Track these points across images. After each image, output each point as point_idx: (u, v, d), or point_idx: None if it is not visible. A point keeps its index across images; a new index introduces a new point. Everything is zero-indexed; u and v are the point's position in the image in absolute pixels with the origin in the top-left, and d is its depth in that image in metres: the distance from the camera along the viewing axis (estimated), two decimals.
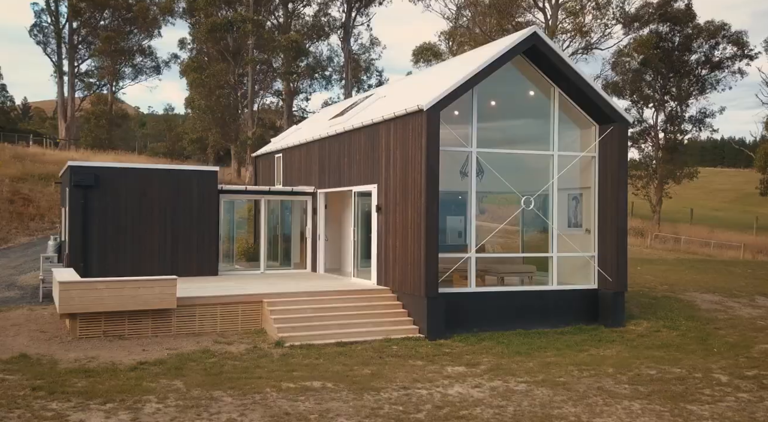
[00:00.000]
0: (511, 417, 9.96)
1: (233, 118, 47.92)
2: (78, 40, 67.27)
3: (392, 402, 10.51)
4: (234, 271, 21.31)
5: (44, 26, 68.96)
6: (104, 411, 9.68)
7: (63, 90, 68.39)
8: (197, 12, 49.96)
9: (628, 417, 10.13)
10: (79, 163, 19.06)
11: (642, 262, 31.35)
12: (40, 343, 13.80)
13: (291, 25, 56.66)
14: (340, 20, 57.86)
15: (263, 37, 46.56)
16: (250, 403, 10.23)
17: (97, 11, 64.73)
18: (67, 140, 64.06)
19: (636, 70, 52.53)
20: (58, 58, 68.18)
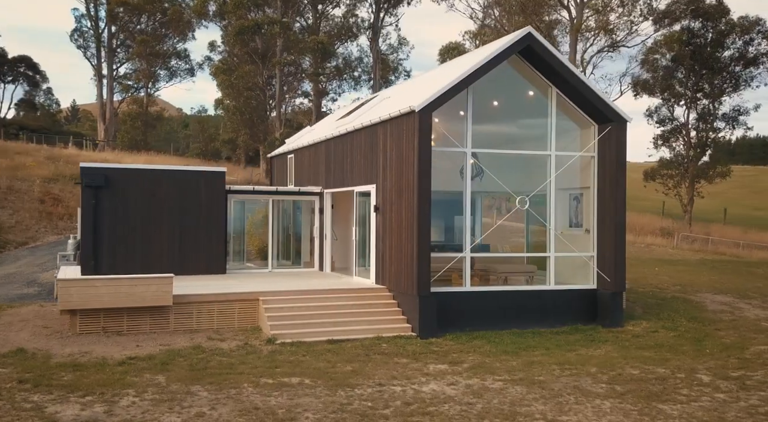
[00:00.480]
0: (476, 414, 10.09)
1: (261, 119, 48.56)
2: (116, 44, 68.92)
3: (363, 398, 10.72)
4: (243, 270, 21.71)
5: (84, 31, 70.85)
6: (81, 404, 10.08)
7: (102, 92, 70.13)
8: (227, 15, 50.72)
9: (595, 415, 10.19)
10: (90, 165, 19.64)
11: (662, 263, 31.03)
12: (41, 338, 14.34)
13: (320, 26, 57.19)
14: (369, 21, 58.22)
15: (290, 39, 47.08)
16: (223, 398, 10.54)
17: (134, 16, 66.22)
18: (105, 141, 65.67)
19: (666, 68, 51.74)
20: (98, 62, 69.93)
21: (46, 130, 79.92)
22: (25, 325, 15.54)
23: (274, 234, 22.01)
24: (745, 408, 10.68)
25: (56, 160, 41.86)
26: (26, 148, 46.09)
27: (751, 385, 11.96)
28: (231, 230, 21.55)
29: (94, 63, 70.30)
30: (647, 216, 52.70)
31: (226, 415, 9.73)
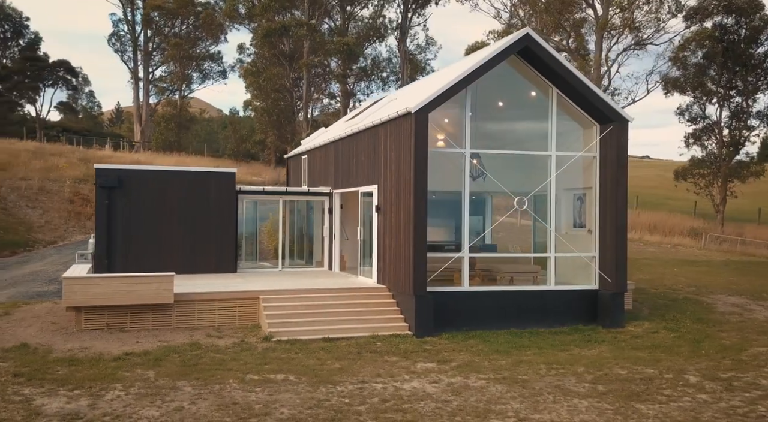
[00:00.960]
0: (449, 411, 10.24)
1: (288, 120, 49.15)
2: (152, 48, 70.36)
3: (343, 395, 10.93)
4: (255, 269, 22.10)
5: (121, 35, 72.50)
6: (68, 397, 10.48)
7: (138, 95, 71.74)
8: (255, 17, 51.41)
9: (569, 414, 10.26)
10: (103, 166, 20.22)
11: (684, 264, 30.63)
12: (46, 334, 14.86)
13: (348, 27, 57.57)
14: (397, 21, 58.41)
15: (316, 41, 47.55)
16: (206, 393, 10.85)
17: (169, 20, 67.54)
18: (141, 143, 67.10)
19: (698, 65, 50.88)
20: (134, 65, 71.55)
21: (87, 132, 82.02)
22: (35, 321, 16.10)
23: (286, 234, 22.35)
24: (724, 408, 10.64)
25: (88, 161, 42.90)
26: (62, 149, 47.35)
27: (738, 386, 11.89)
28: (243, 230, 21.95)
29: (130, 66, 71.99)
30: (678, 217, 51.89)
31: (204, 409, 10.03)
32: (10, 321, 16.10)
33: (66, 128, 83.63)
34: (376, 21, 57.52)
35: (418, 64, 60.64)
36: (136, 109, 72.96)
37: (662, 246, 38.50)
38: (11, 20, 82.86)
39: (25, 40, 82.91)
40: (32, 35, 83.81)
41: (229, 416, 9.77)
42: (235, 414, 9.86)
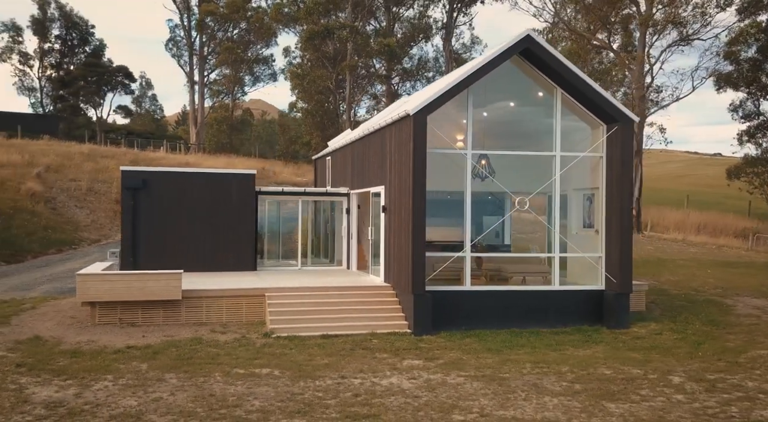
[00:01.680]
0: (415, 406, 10.51)
1: (332, 121, 49.88)
2: (207, 52, 72.28)
3: (318, 389, 11.32)
4: (276, 267, 22.69)
5: (178, 40, 74.73)
6: (59, 386, 11.17)
7: (194, 98, 73.79)
8: (300, 21, 52.33)
9: (534, 411, 10.41)
10: (129, 168, 21.12)
11: (722, 265, 29.90)
12: (61, 328, 15.70)
13: (394, 28, 57.99)
14: (442, 21, 58.56)
15: (358, 43, 48.12)
16: (188, 385, 11.39)
17: (222, 25, 69.28)
18: (196, 144, 69.01)
19: (751, 60, 49.34)
20: (190, 69, 73.61)
21: (151, 134, 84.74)
22: (56, 316, 16.99)
23: (307, 234, 22.88)
24: (695, 409, 10.63)
25: (138, 163, 44.42)
26: (115, 152, 49.08)
27: (721, 388, 11.80)
28: (266, 229, 22.58)
29: (186, 70, 74.13)
30: (730, 217, 50.51)
31: (180, 400, 10.56)
32: (33, 315, 17.03)
33: (130, 131, 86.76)
34: (421, 21, 57.76)
35: (463, 63, 60.54)
36: (191, 112, 75.03)
37: (706, 247, 37.61)
38: (78, 28, 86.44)
39: (91, 47, 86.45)
40: (97, 42, 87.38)
41: (201, 407, 10.26)
42: (208, 405, 10.35)
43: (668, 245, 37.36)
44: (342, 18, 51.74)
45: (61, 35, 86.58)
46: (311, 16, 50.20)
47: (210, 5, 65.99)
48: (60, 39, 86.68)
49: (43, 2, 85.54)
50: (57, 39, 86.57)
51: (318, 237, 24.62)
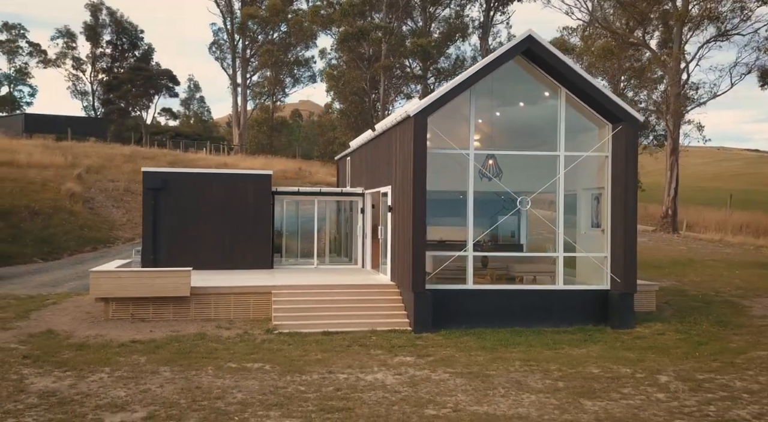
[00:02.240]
0: (392, 401, 10.77)
1: (366, 122, 50.25)
2: (250, 55, 73.58)
3: (303, 383, 11.66)
4: (293, 266, 23.15)
5: (221, 43, 76.26)
6: (57, 377, 11.75)
7: (237, 100, 75.21)
8: (335, 23, 52.91)
9: (508, 407, 10.58)
10: (150, 169, 21.82)
11: (754, 266, 29.20)
12: (75, 322, 16.39)
13: (430, 28, 58.15)
14: (479, 20, 58.46)
15: (392, 44, 48.43)
16: (179, 378, 11.86)
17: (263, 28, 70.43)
18: (239, 146, 70.32)
19: None
20: (233, 72, 75.03)
21: (198, 136, 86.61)
22: (74, 311, 17.71)
23: (325, 233, 23.30)
24: (672, 407, 10.66)
25: (176, 164, 45.55)
26: (156, 153, 50.46)
27: (707, 387, 11.77)
28: (284, 228, 23.08)
29: (229, 73, 75.58)
30: None
31: (167, 392, 11.02)
32: (54, 311, 17.79)
33: (179, 132, 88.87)
34: (458, 21, 57.75)
35: None
36: (234, 114, 76.47)
37: (743, 248, 36.77)
38: (128, 33, 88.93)
39: (140, 52, 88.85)
40: (146, 46, 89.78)
41: (185, 398, 10.70)
42: (192, 397, 10.78)
43: (703, 245, 36.70)
44: (377, 19, 52.10)
45: (112, 40, 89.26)
46: (346, 17, 50.70)
47: (251, 8, 67.14)
48: (111, 44, 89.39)
49: (95, 9, 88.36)
50: (108, 44, 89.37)
51: (337, 237, 24.99)
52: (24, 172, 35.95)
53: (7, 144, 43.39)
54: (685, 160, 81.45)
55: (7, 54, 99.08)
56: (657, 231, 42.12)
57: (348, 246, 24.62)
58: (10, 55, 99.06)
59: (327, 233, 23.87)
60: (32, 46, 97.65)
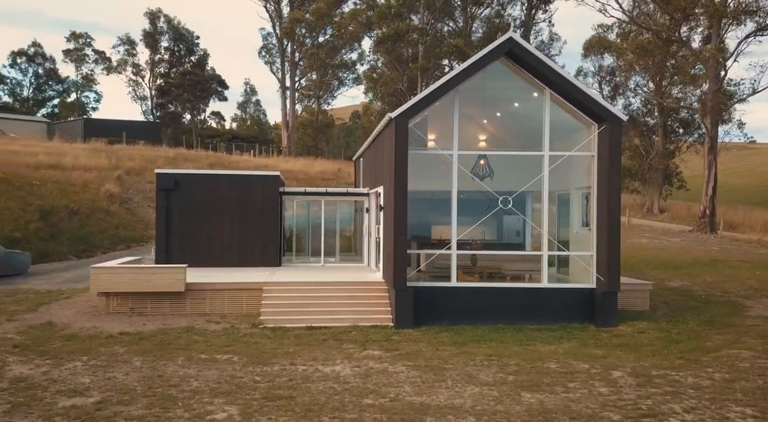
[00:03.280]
0: (337, 390, 11.24)
1: None
2: (298, 58, 74.96)
3: (261, 374, 12.24)
4: (301, 264, 23.80)
5: (270, 48, 77.95)
6: (35, 365, 12.62)
7: (285, 103, 76.68)
8: (373, 26, 53.56)
9: (446, 398, 10.95)
10: (163, 171, 22.79)
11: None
12: (77, 315, 17.38)
13: (471, 28, 58.25)
14: (520, 19, 58.22)
15: (428, 45, 48.78)
16: (147, 367, 12.58)
17: (310, 31, 71.66)
18: (287, 148, 71.72)
19: None
20: (282, 75, 76.53)
21: (254, 138, 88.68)
22: (81, 305, 18.73)
23: (333, 232, 23.90)
24: (608, 400, 10.87)
25: (215, 166, 46.92)
26: (197, 155, 51.93)
27: (657, 383, 11.90)
28: (294, 227, 23.78)
29: (278, 76, 77.13)
30: None
31: (129, 380, 11.75)
32: (63, 304, 18.87)
33: (234, 135, 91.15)
34: (497, 20, 57.66)
35: None
36: (282, 116, 77.96)
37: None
38: (185, 40, 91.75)
39: (195, 57, 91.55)
40: (201, 52, 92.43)
41: (142, 385, 11.40)
42: (149, 384, 11.48)
43: (737, 246, 35.87)
44: (416, 20, 52.51)
45: (170, 47, 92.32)
46: (384, 20, 51.28)
47: (297, 13, 68.40)
48: (168, 50, 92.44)
49: (154, 16, 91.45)
50: (166, 50, 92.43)
51: (347, 236, 25.54)
52: (68, 174, 37.67)
53: (58, 147, 45.44)
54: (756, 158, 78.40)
55: (74, 62, 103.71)
56: (694, 232, 41.28)
57: (358, 245, 25.15)
58: (77, 63, 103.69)
59: (337, 232, 24.43)
60: (97, 54, 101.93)
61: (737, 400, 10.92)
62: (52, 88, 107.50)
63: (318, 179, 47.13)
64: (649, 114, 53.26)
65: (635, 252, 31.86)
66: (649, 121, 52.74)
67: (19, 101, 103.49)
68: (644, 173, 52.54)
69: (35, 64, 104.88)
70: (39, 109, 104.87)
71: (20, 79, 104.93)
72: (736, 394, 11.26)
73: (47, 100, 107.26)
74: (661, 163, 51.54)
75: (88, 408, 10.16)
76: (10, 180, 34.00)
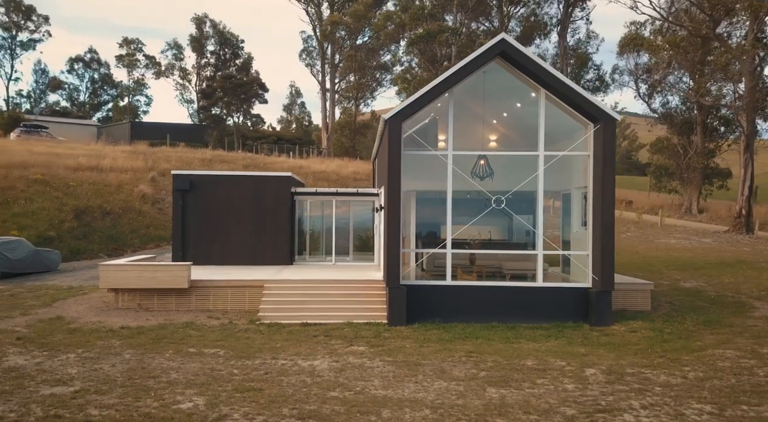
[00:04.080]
0: (307, 383, 11.61)
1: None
2: (339, 60, 75.81)
3: (239, 367, 12.68)
4: (312, 262, 24.25)
5: (310, 50, 79.02)
6: (32, 356, 13.31)
7: (326, 105, 77.64)
8: (405, 26, 53.83)
9: (411, 392, 11.22)
10: (179, 172, 23.51)
11: None
12: (87, 310, 18.14)
13: (507, 26, 57.99)
14: (557, 17, 57.84)
15: (459, 45, 48.82)
16: (134, 360, 13.15)
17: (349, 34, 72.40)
18: (326, 149, 72.62)
19: None
20: (322, 77, 77.49)
21: (299, 140, 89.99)
22: (95, 301, 19.51)
23: (347, 231, 24.31)
24: (570, 396, 11.01)
25: (249, 167, 47.87)
26: (233, 156, 53.01)
27: (627, 381, 11.96)
28: (307, 227, 24.28)
29: (319, 79, 78.10)
30: None
31: (113, 371, 12.31)
32: (78, 300, 19.70)
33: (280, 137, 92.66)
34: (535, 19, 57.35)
35: (582, 57, 59.14)
36: (322, 118, 78.90)
37: None
38: (230, 44, 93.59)
39: (240, 61, 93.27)
40: (246, 56, 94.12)
41: (123, 377, 11.95)
42: (131, 375, 12.03)
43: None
44: (450, 20, 52.62)
45: (215, 51, 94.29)
46: (417, 21, 51.52)
47: (335, 15, 69.18)
48: (214, 54, 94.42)
49: (200, 21, 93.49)
50: (212, 54, 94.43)
51: (368, 235, 25.90)
52: (104, 176, 38.98)
53: (99, 150, 46.96)
54: None
55: (126, 67, 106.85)
56: (729, 232, 40.41)
57: (372, 245, 25.49)
58: (129, 68, 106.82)
59: (350, 231, 24.82)
60: (148, 59, 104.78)
61: (701, 398, 10.92)
62: (107, 93, 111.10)
63: (350, 180, 47.62)
64: (688, 111, 52.19)
65: (659, 253, 31.49)
66: (687, 118, 51.66)
67: (76, 106, 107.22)
68: (682, 172, 51.54)
69: (91, 69, 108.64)
70: (94, 113, 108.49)
71: (77, 85, 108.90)
72: (703, 392, 11.25)
73: (102, 104, 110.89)
74: (700, 162, 50.49)
75: (64, 397, 10.72)
76: (49, 181, 35.39)
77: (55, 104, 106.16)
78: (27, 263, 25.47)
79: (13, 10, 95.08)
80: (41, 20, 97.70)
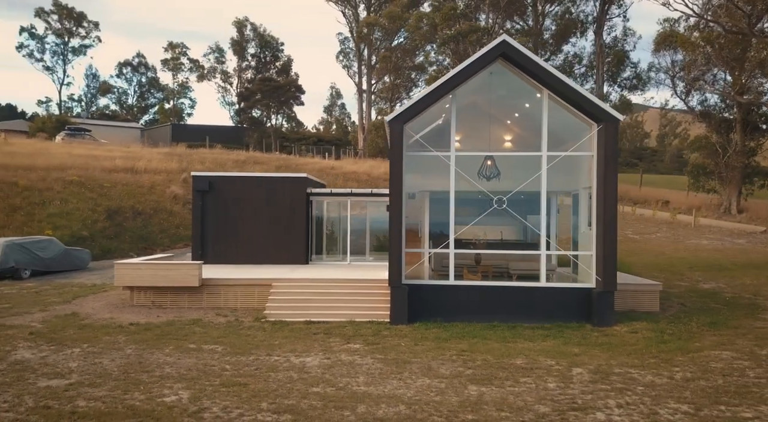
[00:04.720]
0: (294, 379, 11.92)
1: None
2: (375, 62, 76.31)
3: (232, 363, 13.06)
4: (328, 262, 24.59)
5: (347, 52, 79.73)
6: (39, 350, 13.91)
7: (362, 106, 78.21)
8: (438, 27, 53.92)
9: (391, 389, 11.43)
10: (199, 173, 24.10)
11: None
12: (103, 307, 18.77)
13: (542, 25, 57.69)
14: (593, 15, 57.22)
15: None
16: (134, 355, 13.64)
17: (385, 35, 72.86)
18: (362, 150, 73.15)
19: None
20: (358, 78, 78.11)
21: (339, 141, 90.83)
22: (113, 298, 20.17)
23: (362, 232, 24.59)
24: (548, 395, 11.10)
25: (281, 168, 48.55)
26: (267, 158, 53.82)
27: (611, 380, 11.99)
28: (324, 227, 24.64)
29: (356, 80, 78.77)
30: None
31: (111, 366, 12.80)
32: (98, 297, 20.39)
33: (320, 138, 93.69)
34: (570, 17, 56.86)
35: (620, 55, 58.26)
36: (359, 119, 79.52)
37: None
38: (270, 47, 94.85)
39: (280, 63, 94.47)
40: (285, 58, 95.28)
41: (120, 371, 12.43)
42: (126, 369, 12.50)
43: None
44: (482, 20, 52.55)
45: (256, 53, 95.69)
46: (448, 21, 51.58)
47: (370, 17, 69.66)
48: (255, 57, 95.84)
49: (241, 25, 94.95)
50: (252, 57, 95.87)
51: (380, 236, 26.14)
52: (138, 177, 40.04)
53: (136, 152, 48.21)
54: None
55: (171, 70, 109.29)
56: (766, 233, 39.51)
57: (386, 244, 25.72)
58: (174, 72, 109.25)
59: (367, 231, 25.08)
60: (192, 62, 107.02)
61: (681, 398, 10.91)
62: (154, 96, 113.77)
63: (380, 180, 47.90)
64: (727, 109, 51.10)
65: (686, 254, 31.03)
66: (727, 116, 50.58)
67: (125, 109, 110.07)
68: (721, 171, 50.47)
69: (139, 73, 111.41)
70: (142, 116, 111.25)
71: (126, 88, 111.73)
72: (685, 392, 11.23)
73: (149, 107, 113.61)
74: (740, 161, 49.38)
75: (58, 389, 11.22)
76: (84, 182, 36.50)
77: (105, 108, 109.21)
78: (57, 261, 26.38)
79: (65, 17, 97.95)
80: (91, 26, 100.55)
